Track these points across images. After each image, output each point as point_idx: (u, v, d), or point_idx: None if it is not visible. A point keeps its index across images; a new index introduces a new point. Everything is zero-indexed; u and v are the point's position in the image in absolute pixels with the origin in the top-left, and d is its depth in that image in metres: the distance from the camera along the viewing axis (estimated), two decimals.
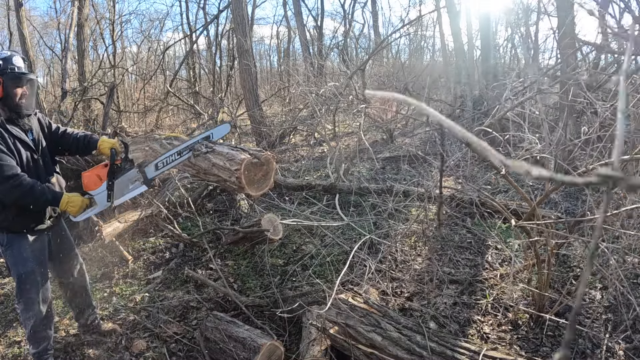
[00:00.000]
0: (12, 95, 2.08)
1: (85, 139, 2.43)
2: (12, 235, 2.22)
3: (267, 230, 3.52)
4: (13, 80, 2.07)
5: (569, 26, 4.65)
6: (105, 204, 2.30)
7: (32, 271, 2.26)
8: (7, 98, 2.08)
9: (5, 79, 2.06)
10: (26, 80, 2.12)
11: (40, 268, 2.30)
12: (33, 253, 2.26)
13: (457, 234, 3.86)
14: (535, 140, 2.35)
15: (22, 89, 2.11)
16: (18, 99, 2.10)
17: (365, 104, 6.02)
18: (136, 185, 2.34)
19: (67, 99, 8.62)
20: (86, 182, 2.29)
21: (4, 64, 2.06)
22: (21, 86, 2.11)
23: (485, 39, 7.93)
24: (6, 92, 2.07)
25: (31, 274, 2.26)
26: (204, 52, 17.72)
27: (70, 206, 2.17)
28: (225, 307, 3.03)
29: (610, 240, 2.45)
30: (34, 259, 2.26)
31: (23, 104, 2.13)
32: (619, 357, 2.24)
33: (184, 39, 17.27)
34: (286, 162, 7.29)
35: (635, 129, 2.34)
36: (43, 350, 2.37)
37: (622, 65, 3.11)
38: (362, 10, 21.44)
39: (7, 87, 2.06)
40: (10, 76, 2.07)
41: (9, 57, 2.09)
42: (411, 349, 2.01)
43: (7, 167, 2.02)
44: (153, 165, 2.32)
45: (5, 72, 2.06)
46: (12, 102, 2.09)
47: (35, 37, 14.11)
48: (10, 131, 2.11)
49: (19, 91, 2.10)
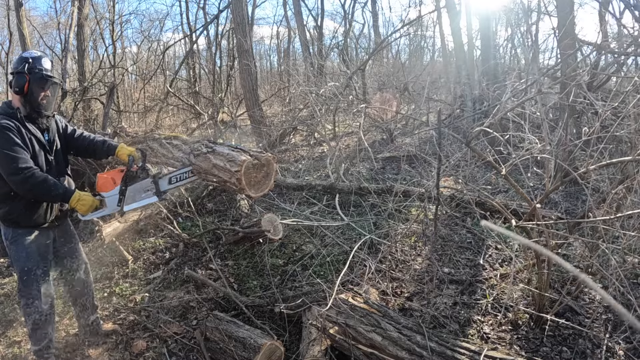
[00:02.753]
0: (36, 95, 2.17)
1: (105, 144, 2.50)
2: (18, 230, 2.26)
3: (267, 231, 3.52)
4: (39, 81, 2.17)
5: (569, 26, 4.64)
6: (115, 208, 2.33)
7: (35, 267, 2.29)
8: (31, 96, 2.17)
9: (32, 78, 2.15)
10: (50, 83, 2.22)
11: (43, 264, 2.33)
12: (37, 249, 2.29)
13: (457, 234, 3.86)
14: (535, 140, 2.35)
15: (45, 91, 2.21)
16: (40, 99, 2.19)
17: (365, 103, 6.02)
18: (148, 195, 2.38)
19: (67, 99, 8.61)
20: (100, 184, 2.34)
21: (32, 63, 2.16)
22: (45, 88, 2.20)
23: (485, 39, 7.91)
24: (30, 90, 2.16)
25: (34, 270, 2.28)
26: (204, 52, 17.72)
27: (81, 204, 2.22)
28: (225, 307, 3.03)
29: (610, 241, 2.45)
30: (38, 255, 2.29)
31: (44, 105, 2.22)
32: (619, 357, 2.24)
33: (184, 39, 17.27)
34: (286, 162, 7.29)
35: (636, 129, 2.34)
36: (44, 348, 2.38)
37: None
38: (362, 10, 21.47)
39: (32, 86, 2.16)
40: (37, 76, 2.16)
41: (39, 58, 2.20)
42: (411, 349, 2.01)
43: (22, 160, 2.09)
44: (167, 178, 2.38)
45: (33, 71, 2.15)
46: (35, 101, 2.18)
47: (35, 37, 14.11)
48: (28, 127, 2.19)
49: (42, 93, 2.19)
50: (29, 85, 2.15)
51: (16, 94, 2.18)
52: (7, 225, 2.27)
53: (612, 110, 2.54)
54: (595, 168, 2.22)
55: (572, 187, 4.51)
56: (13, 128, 2.11)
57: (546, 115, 2.77)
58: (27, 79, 2.14)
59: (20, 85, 2.14)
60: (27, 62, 2.15)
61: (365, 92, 9.55)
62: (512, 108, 2.55)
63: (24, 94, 2.16)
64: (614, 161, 2.23)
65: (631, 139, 2.44)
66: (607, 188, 2.73)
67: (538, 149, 2.37)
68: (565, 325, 2.44)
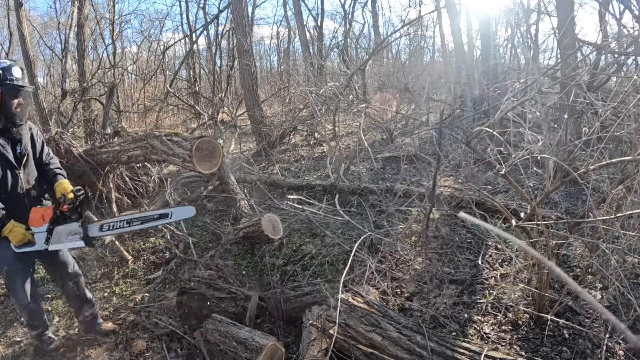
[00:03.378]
0: (9, 105, 2.18)
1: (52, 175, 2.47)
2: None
3: (268, 234, 3.53)
4: (11, 91, 2.16)
5: (569, 26, 4.64)
6: (42, 245, 2.30)
7: (19, 269, 2.39)
8: (4, 107, 2.17)
9: (4, 89, 2.14)
10: (23, 91, 2.23)
11: (27, 267, 2.45)
12: (17, 253, 2.32)
13: (457, 234, 3.86)
14: (537, 138, 2.35)
15: (18, 99, 2.21)
16: (14, 108, 2.20)
17: (365, 103, 6.01)
18: (74, 238, 2.32)
19: (66, 99, 8.62)
20: (31, 218, 2.30)
21: (3, 74, 2.14)
22: (18, 97, 2.20)
23: (485, 39, 7.92)
24: (4, 101, 2.15)
25: (18, 272, 2.39)
26: (204, 52, 17.72)
27: (12, 235, 2.25)
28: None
29: (610, 241, 2.45)
30: (21, 258, 2.36)
31: (18, 113, 2.23)
32: (619, 357, 2.24)
33: (184, 39, 17.26)
34: (286, 162, 7.29)
35: (636, 129, 2.34)
36: (41, 333, 2.62)
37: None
38: (362, 10, 21.41)
39: (4, 97, 2.15)
40: (9, 87, 2.15)
41: (9, 67, 2.17)
42: (411, 349, 2.01)
43: None
44: (98, 225, 2.36)
45: (4, 82, 2.14)
46: (9, 111, 2.19)
47: (35, 37, 14.09)
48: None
49: (15, 101, 2.20)
50: (2, 97, 2.14)
51: None
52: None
53: (612, 110, 2.54)
54: (595, 168, 2.22)
55: (572, 187, 4.51)
56: None
57: (546, 115, 2.77)
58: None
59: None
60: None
61: (365, 92, 9.55)
62: (512, 108, 2.55)
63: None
64: (614, 161, 2.23)
65: (631, 139, 2.43)
66: (607, 188, 2.73)
67: (538, 149, 2.36)
68: (565, 325, 2.44)
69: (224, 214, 4.77)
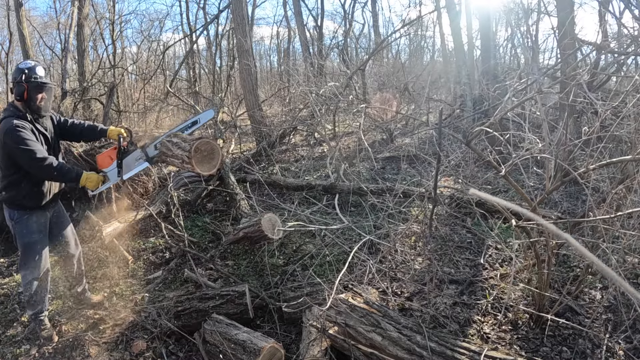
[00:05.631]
0: (34, 100, 2.54)
1: (97, 128, 2.94)
2: (21, 212, 2.65)
3: (268, 234, 3.53)
4: (36, 88, 2.53)
5: (569, 26, 4.64)
6: (116, 179, 2.76)
7: (36, 241, 2.69)
8: (30, 101, 2.54)
9: (30, 86, 2.51)
10: (46, 88, 2.59)
11: (42, 239, 2.75)
12: (38, 227, 2.70)
13: (457, 234, 3.86)
14: (536, 140, 2.34)
15: (42, 94, 2.58)
16: (38, 102, 2.56)
17: (365, 103, 6.01)
18: (140, 162, 2.76)
19: (67, 99, 8.61)
20: (100, 162, 2.78)
21: (29, 73, 2.51)
22: (42, 92, 2.57)
23: (485, 39, 7.91)
24: (29, 96, 2.53)
25: (35, 244, 2.69)
26: (204, 52, 17.72)
27: (89, 182, 2.63)
28: None
29: (610, 240, 2.44)
30: (38, 232, 2.70)
31: (42, 106, 2.60)
32: (619, 357, 2.24)
33: (184, 39, 17.27)
34: (286, 162, 7.29)
35: (636, 129, 2.34)
36: (39, 312, 2.79)
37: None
38: (362, 10, 21.47)
39: (30, 92, 2.52)
40: (34, 84, 2.52)
41: (33, 68, 2.54)
42: (411, 349, 2.01)
43: (40, 151, 2.49)
44: (152, 145, 2.75)
45: (30, 80, 2.51)
46: (34, 104, 2.56)
47: (35, 37, 14.11)
48: (36, 126, 2.59)
49: (40, 96, 2.56)
50: (27, 93, 2.51)
51: (18, 101, 2.55)
52: (13, 208, 2.64)
53: (612, 110, 2.54)
54: (595, 168, 2.21)
55: (572, 187, 4.51)
56: (26, 126, 2.49)
57: (546, 115, 2.77)
58: (25, 87, 2.50)
59: (20, 93, 2.51)
60: (24, 73, 2.50)
61: (365, 92, 9.55)
62: (512, 108, 2.55)
63: (24, 100, 2.52)
64: (614, 161, 2.23)
65: (631, 139, 2.43)
66: (607, 188, 2.73)
67: (538, 149, 2.36)
68: (565, 325, 2.44)
69: (224, 214, 4.77)
